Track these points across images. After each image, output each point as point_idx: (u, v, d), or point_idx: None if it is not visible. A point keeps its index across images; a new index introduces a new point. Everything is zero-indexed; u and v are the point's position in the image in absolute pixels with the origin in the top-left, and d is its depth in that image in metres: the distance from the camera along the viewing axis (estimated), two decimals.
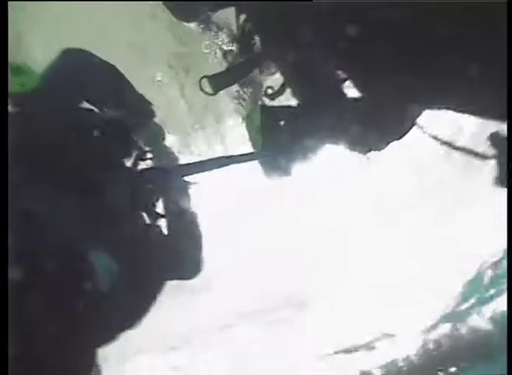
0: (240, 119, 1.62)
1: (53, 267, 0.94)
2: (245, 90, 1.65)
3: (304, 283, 7.08)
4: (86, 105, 1.25)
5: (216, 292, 6.11)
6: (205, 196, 1.61)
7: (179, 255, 1.35)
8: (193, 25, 1.57)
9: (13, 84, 1.13)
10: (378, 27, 1.00)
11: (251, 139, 1.40)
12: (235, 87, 1.60)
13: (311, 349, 8.10)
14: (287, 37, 1.21)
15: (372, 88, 1.12)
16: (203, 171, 1.35)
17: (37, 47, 3.89)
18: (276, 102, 1.58)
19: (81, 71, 1.32)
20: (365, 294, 7.41)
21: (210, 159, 1.39)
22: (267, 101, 1.59)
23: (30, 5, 3.79)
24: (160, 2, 1.51)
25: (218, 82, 1.43)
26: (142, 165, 1.38)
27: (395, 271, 7.15)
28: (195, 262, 1.41)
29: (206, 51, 1.63)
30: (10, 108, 1.14)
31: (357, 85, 1.14)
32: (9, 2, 1.10)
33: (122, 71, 1.43)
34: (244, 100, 1.67)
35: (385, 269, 7.11)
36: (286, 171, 1.35)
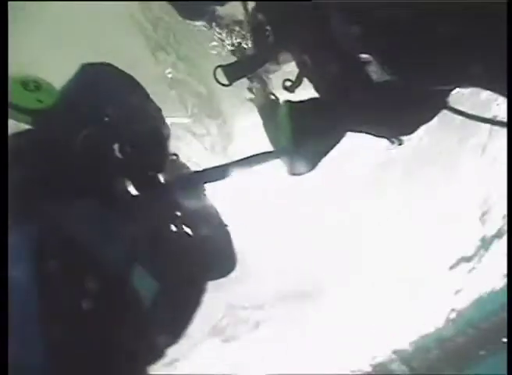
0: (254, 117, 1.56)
1: (98, 293, 0.94)
2: (254, 84, 1.59)
3: (320, 277, 7.14)
4: (108, 119, 1.22)
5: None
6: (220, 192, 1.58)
7: (212, 256, 1.35)
8: (199, 23, 1.53)
9: (32, 100, 1.13)
10: (406, 6, 0.94)
11: (275, 137, 1.35)
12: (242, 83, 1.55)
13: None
14: (301, 23, 1.16)
15: (402, 70, 1.06)
16: (224, 177, 1.31)
17: (37, 48, 3.85)
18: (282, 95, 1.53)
19: (101, 86, 1.30)
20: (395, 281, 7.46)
21: (230, 163, 1.35)
22: (278, 95, 1.54)
23: (30, 5, 3.75)
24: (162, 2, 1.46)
25: (234, 72, 1.38)
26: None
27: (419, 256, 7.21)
28: (229, 259, 1.43)
29: (214, 52, 1.58)
30: (30, 125, 1.13)
31: (384, 68, 1.07)
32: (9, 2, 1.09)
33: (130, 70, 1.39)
34: (253, 95, 1.61)
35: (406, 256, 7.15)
36: (311, 167, 1.31)
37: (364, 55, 1.08)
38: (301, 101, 1.30)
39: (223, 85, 1.37)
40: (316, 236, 6.38)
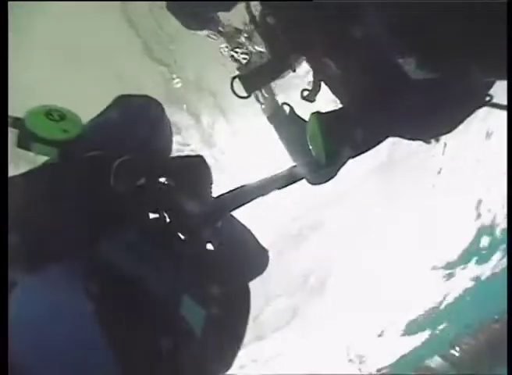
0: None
1: (154, 330, 0.91)
2: (262, 94, 1.53)
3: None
4: (143, 151, 1.17)
5: None
6: None
7: (247, 262, 1.34)
8: (203, 33, 1.46)
9: (57, 131, 1.08)
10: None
11: (301, 150, 1.28)
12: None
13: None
14: (321, 25, 1.07)
15: (444, 65, 0.97)
16: (251, 199, 1.26)
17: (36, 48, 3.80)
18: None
19: (137, 118, 1.25)
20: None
21: (254, 184, 1.29)
22: (287, 104, 1.48)
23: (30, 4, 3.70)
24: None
25: (252, 82, 1.28)
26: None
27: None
28: (261, 256, 1.41)
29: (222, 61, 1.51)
30: (54, 157, 1.09)
31: (424, 65, 0.98)
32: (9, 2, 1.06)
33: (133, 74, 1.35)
34: (263, 105, 1.54)
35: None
36: (333, 175, 1.26)
37: (401, 54, 1.00)
38: (331, 112, 1.21)
39: (241, 97, 1.28)
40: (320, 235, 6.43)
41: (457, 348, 8.89)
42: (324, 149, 1.18)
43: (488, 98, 1.13)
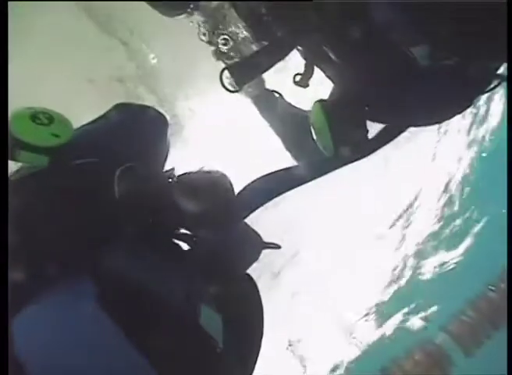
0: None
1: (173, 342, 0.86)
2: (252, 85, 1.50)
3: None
4: (145, 160, 1.13)
5: None
6: None
7: (247, 252, 1.32)
8: (181, 17, 1.40)
9: (47, 136, 0.98)
10: None
11: (305, 145, 1.21)
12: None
13: None
14: (324, 11, 1.00)
15: (458, 53, 0.94)
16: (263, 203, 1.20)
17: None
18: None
19: (136, 126, 1.20)
20: None
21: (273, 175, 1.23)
22: (280, 92, 1.48)
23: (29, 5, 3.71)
24: None
25: (243, 74, 1.16)
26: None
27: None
28: (256, 246, 1.37)
29: (203, 39, 1.49)
30: (47, 163, 1.00)
31: (437, 52, 0.94)
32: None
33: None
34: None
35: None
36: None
37: (412, 42, 0.95)
38: (337, 99, 1.12)
39: (231, 91, 1.18)
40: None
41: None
42: (332, 142, 1.09)
43: (499, 79, 1.08)
